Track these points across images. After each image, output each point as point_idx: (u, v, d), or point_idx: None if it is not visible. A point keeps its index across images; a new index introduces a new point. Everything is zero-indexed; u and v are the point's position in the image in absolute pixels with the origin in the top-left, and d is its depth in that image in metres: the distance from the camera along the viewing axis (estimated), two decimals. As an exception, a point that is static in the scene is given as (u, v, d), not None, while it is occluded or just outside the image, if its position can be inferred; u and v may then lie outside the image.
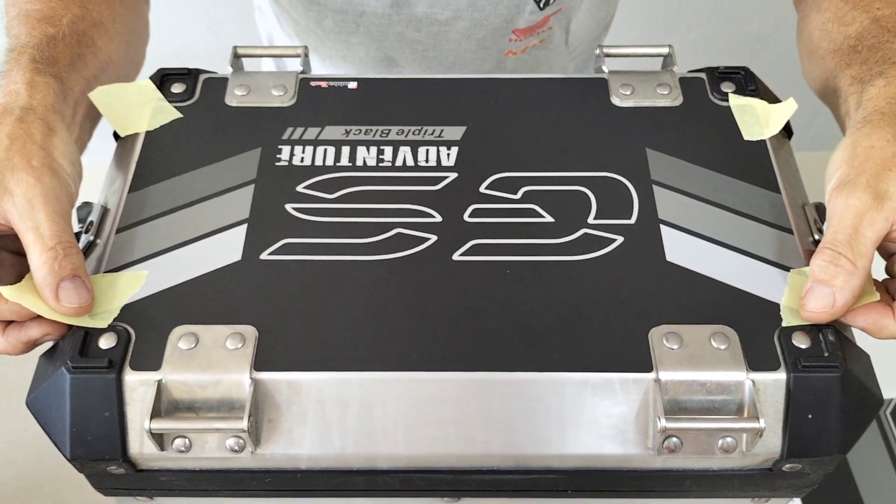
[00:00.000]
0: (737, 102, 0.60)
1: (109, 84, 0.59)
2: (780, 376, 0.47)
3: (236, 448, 0.47)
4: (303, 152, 0.58)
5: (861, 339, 0.50)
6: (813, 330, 0.48)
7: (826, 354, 0.47)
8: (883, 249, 0.51)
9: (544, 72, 0.85)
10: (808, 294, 0.48)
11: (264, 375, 0.47)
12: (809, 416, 0.46)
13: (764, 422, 0.46)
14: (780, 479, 0.49)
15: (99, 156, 0.60)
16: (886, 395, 0.51)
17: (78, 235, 0.54)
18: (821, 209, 0.54)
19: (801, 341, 0.47)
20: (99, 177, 0.58)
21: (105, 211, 0.55)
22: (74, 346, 0.47)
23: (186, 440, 0.47)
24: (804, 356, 0.47)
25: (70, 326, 0.49)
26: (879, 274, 0.50)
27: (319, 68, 0.85)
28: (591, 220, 0.54)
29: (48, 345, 0.50)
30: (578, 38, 0.86)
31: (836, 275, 0.47)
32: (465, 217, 0.54)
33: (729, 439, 0.47)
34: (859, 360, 0.48)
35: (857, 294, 0.48)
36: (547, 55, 0.85)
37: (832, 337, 0.47)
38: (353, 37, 0.80)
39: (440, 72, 0.85)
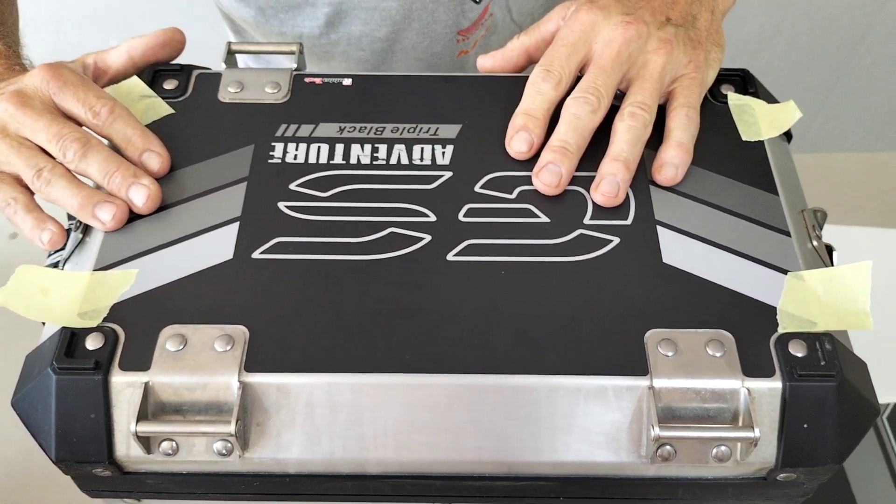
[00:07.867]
0: (735, 102, 0.59)
1: None
2: (776, 385, 0.46)
3: (224, 452, 0.47)
4: (296, 150, 0.57)
5: (858, 347, 0.49)
6: (810, 338, 0.47)
7: (822, 363, 0.46)
8: None
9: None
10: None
11: (253, 378, 0.46)
12: (805, 426, 0.46)
13: (759, 431, 0.45)
14: (775, 488, 0.49)
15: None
16: (883, 399, 0.50)
17: (68, 233, 0.54)
18: (819, 214, 0.54)
19: (797, 349, 0.47)
20: (89, 173, 0.58)
21: (95, 208, 0.54)
22: (61, 346, 0.46)
23: (173, 443, 0.47)
24: (800, 365, 0.46)
25: None
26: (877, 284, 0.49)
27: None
28: (586, 221, 0.53)
29: (35, 344, 0.49)
30: (523, 12, 0.84)
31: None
32: (460, 217, 0.53)
33: (723, 448, 0.47)
34: (856, 368, 0.48)
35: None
36: (498, 39, 0.83)
37: (829, 345, 0.47)
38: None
39: None
